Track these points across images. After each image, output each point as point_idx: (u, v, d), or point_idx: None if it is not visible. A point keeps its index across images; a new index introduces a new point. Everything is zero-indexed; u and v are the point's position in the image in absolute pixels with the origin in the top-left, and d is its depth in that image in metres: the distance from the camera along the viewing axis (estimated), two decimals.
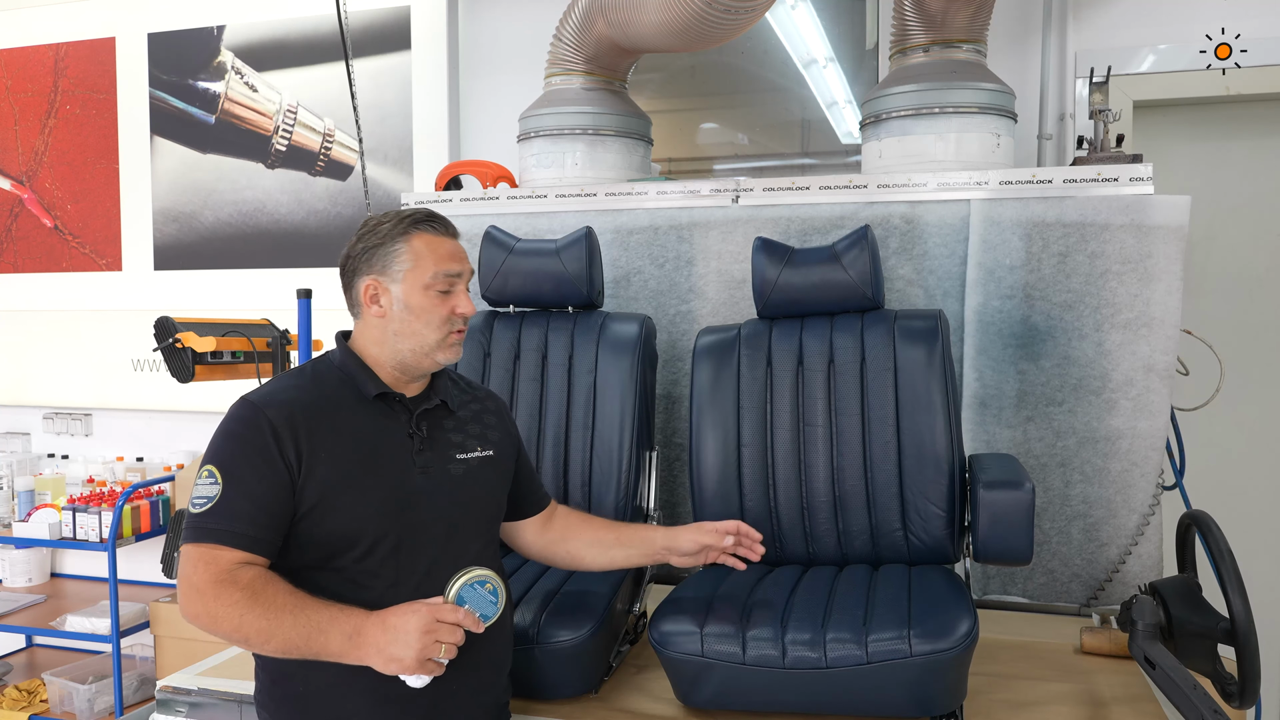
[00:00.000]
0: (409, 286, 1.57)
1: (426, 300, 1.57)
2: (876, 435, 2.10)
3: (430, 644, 1.40)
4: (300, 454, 1.48)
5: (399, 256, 1.57)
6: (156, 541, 3.62)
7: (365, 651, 1.40)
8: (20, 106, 4.18)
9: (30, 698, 3.60)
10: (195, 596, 1.42)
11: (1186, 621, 1.85)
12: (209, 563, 1.42)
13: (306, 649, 1.40)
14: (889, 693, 1.69)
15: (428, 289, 1.57)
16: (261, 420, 1.49)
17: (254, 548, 1.45)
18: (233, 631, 1.40)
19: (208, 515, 1.45)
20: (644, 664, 2.11)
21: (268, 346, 2.92)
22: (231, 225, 3.91)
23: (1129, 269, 2.28)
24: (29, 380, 4.19)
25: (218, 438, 1.51)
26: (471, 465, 1.64)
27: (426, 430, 1.61)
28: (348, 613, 1.42)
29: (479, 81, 3.56)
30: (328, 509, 1.49)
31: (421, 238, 1.58)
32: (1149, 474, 2.30)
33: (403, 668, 1.40)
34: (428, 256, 1.57)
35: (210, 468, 1.48)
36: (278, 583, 1.43)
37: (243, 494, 1.45)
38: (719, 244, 2.59)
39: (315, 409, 1.53)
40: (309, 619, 1.40)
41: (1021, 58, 3.00)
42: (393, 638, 1.40)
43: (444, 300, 1.59)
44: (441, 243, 1.60)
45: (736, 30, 2.48)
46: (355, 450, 1.53)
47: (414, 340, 1.58)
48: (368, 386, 1.59)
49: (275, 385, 1.59)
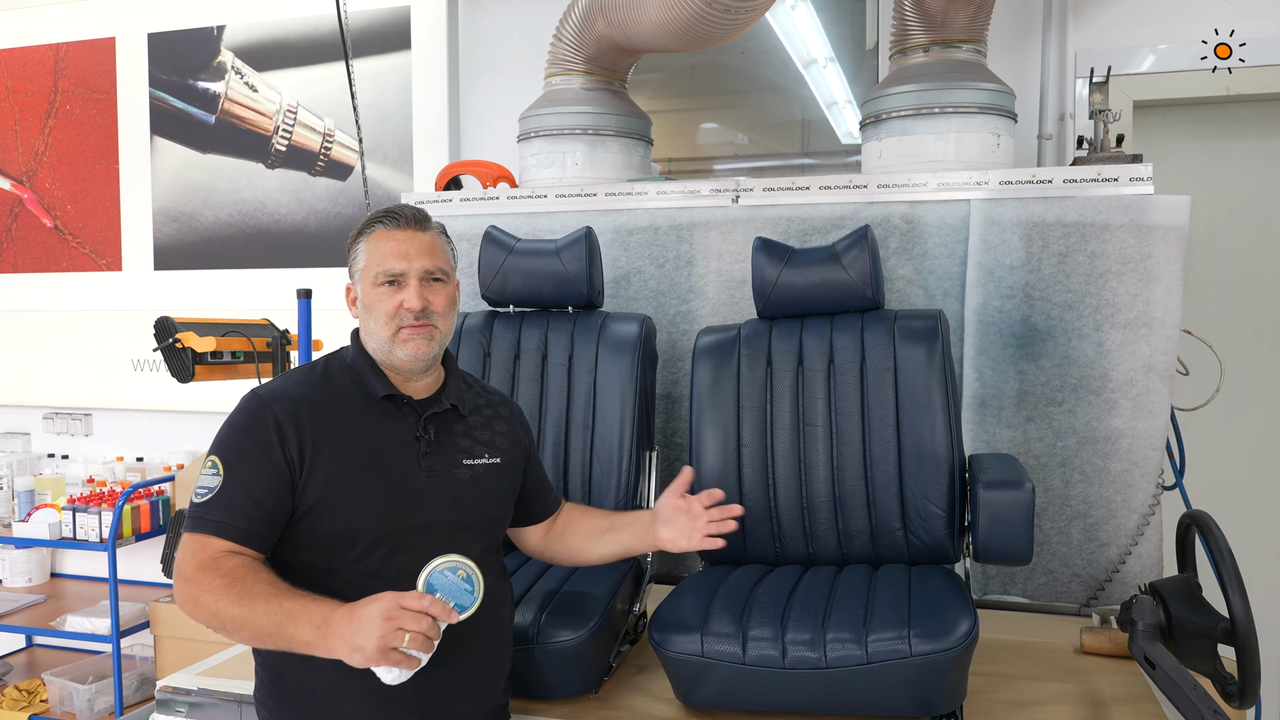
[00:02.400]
0: (364, 284, 1.60)
1: (375, 296, 1.58)
2: (876, 435, 2.10)
3: (391, 631, 1.32)
4: (304, 451, 1.49)
5: (358, 256, 1.61)
6: (156, 542, 3.62)
7: (332, 642, 1.36)
8: (20, 106, 4.18)
9: (30, 698, 3.60)
10: (181, 582, 1.44)
11: (1186, 621, 1.85)
12: (197, 550, 1.44)
13: (279, 637, 1.38)
14: (889, 693, 1.69)
15: (376, 285, 1.58)
16: (267, 415, 1.50)
17: (246, 540, 1.45)
18: (211, 618, 1.41)
19: (206, 506, 1.47)
20: (644, 664, 2.11)
21: (268, 346, 2.92)
22: (231, 225, 3.91)
23: (1129, 269, 2.28)
24: (29, 380, 4.19)
25: (224, 428, 1.52)
26: (478, 471, 1.64)
27: (434, 433, 1.61)
28: (319, 602, 1.39)
29: (479, 81, 3.56)
30: (328, 507, 1.49)
31: (374, 235, 1.60)
32: (1149, 474, 2.30)
33: (365, 658, 1.33)
34: (373, 254, 1.59)
35: (214, 458, 1.49)
36: (258, 571, 1.42)
37: (241, 487, 1.46)
38: (719, 244, 2.59)
39: (322, 406, 1.54)
40: (280, 607, 1.38)
41: (1021, 58, 3.00)
42: (356, 627, 1.34)
43: (391, 294, 1.58)
44: (389, 238, 1.59)
45: (736, 30, 2.48)
46: (358, 450, 1.53)
47: (374, 339, 1.60)
48: (376, 387, 1.59)
49: (285, 380, 1.59)
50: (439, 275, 1.61)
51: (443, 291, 1.61)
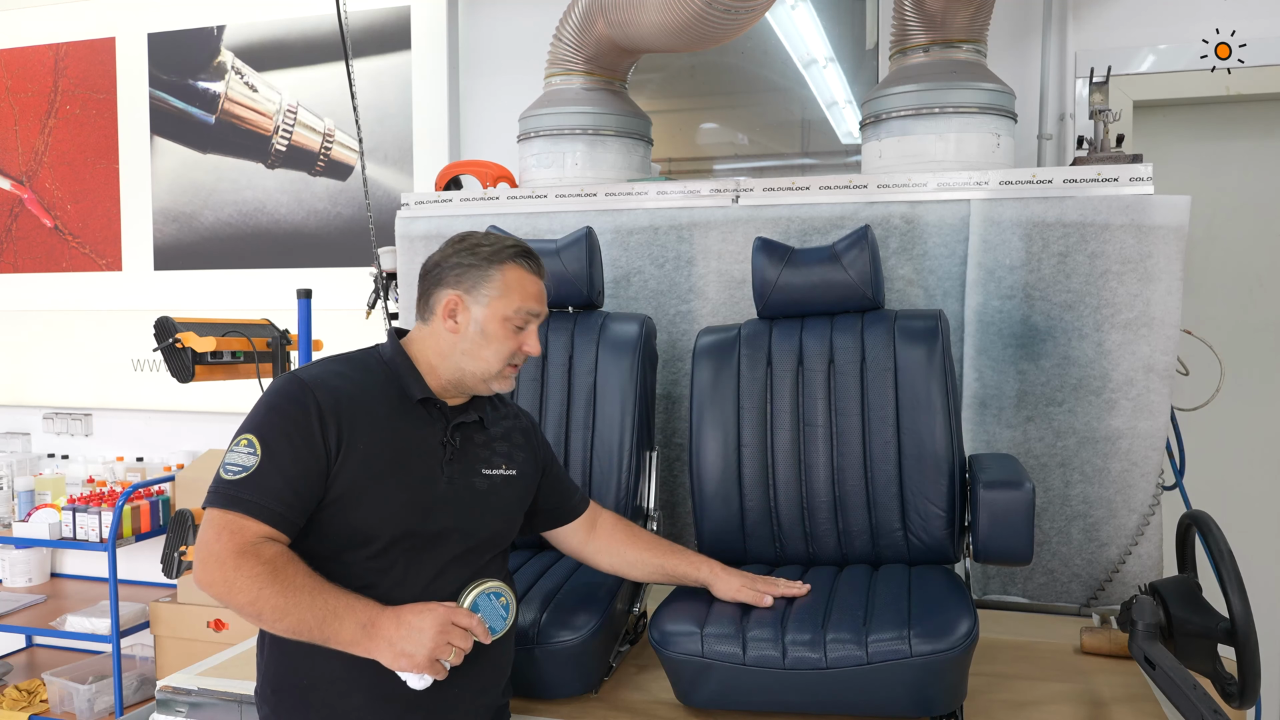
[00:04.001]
0: (490, 313, 1.61)
1: (502, 331, 1.61)
2: (876, 435, 2.10)
3: (442, 645, 1.42)
4: (340, 442, 1.49)
5: (491, 282, 1.61)
6: (156, 542, 3.62)
7: (376, 644, 1.41)
8: (20, 106, 4.18)
9: (30, 698, 3.61)
10: (214, 564, 1.40)
11: (1186, 621, 1.84)
12: (234, 532, 1.42)
13: (319, 632, 1.40)
14: (889, 693, 1.69)
15: (506, 321, 1.61)
16: (309, 400, 1.49)
17: (279, 524, 1.44)
18: (248, 604, 1.39)
19: (240, 484, 1.44)
20: (644, 664, 2.11)
21: (268, 346, 2.92)
22: (231, 225, 3.91)
23: (1129, 269, 2.28)
24: (29, 380, 4.19)
25: (261, 409, 1.51)
26: (495, 482, 1.66)
27: (459, 442, 1.63)
28: (364, 603, 1.43)
29: (479, 81, 3.56)
30: (352, 502, 1.50)
31: (515, 270, 1.62)
32: (1149, 474, 2.30)
33: (413, 664, 1.41)
34: (516, 291, 1.61)
35: (250, 436, 1.47)
36: (298, 563, 1.43)
37: (278, 469, 1.45)
38: (719, 244, 2.59)
39: (360, 401, 1.54)
40: (325, 602, 1.40)
41: (1021, 58, 3.00)
42: (407, 634, 1.41)
43: (516, 335, 1.63)
44: (532, 280, 1.64)
45: (736, 30, 2.48)
46: (388, 449, 1.54)
47: (478, 364, 1.61)
48: (414, 389, 1.60)
49: (325, 368, 1.59)
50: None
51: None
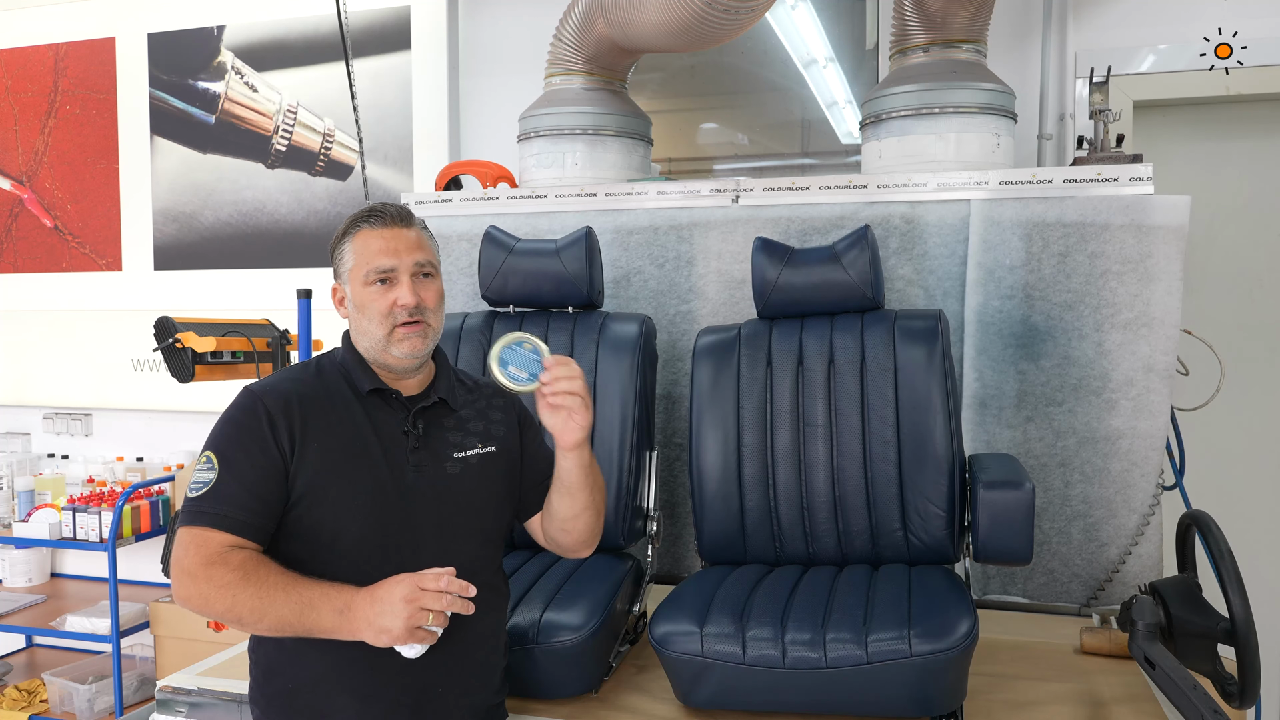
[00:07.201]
0: (353, 285, 1.60)
1: (367, 295, 1.58)
2: (876, 435, 2.10)
3: (416, 612, 1.40)
4: (294, 441, 1.51)
5: (344, 256, 1.61)
6: (156, 542, 3.62)
7: (356, 625, 1.41)
8: (20, 106, 4.18)
9: (30, 698, 3.60)
10: (187, 579, 1.43)
11: (1186, 621, 1.84)
12: (201, 545, 1.44)
13: (299, 625, 1.41)
14: (889, 693, 1.69)
15: (367, 285, 1.58)
16: (259, 407, 1.52)
17: (245, 532, 1.46)
18: (226, 611, 1.42)
19: (202, 499, 1.47)
20: (644, 664, 2.11)
21: (268, 346, 2.92)
22: (231, 225, 3.91)
23: (1129, 269, 2.28)
24: (29, 380, 4.19)
25: (218, 424, 1.54)
26: (470, 463, 1.63)
27: (423, 428, 1.61)
28: (338, 589, 1.43)
29: (479, 81, 3.56)
30: (317, 499, 1.50)
31: (360, 234, 1.59)
32: (1149, 474, 2.30)
33: (393, 638, 1.41)
34: (361, 253, 1.58)
35: (208, 453, 1.50)
36: (269, 564, 1.45)
37: (236, 478, 1.47)
38: (719, 244, 2.59)
39: (313, 400, 1.56)
40: (300, 595, 1.41)
41: (1021, 58, 3.00)
42: (380, 609, 1.41)
43: (384, 293, 1.57)
44: (376, 236, 1.58)
45: (736, 30, 2.48)
46: (347, 443, 1.54)
47: (368, 338, 1.59)
48: (362, 382, 1.60)
49: (277, 377, 1.61)
50: (428, 270, 1.61)
51: (433, 287, 1.61)
